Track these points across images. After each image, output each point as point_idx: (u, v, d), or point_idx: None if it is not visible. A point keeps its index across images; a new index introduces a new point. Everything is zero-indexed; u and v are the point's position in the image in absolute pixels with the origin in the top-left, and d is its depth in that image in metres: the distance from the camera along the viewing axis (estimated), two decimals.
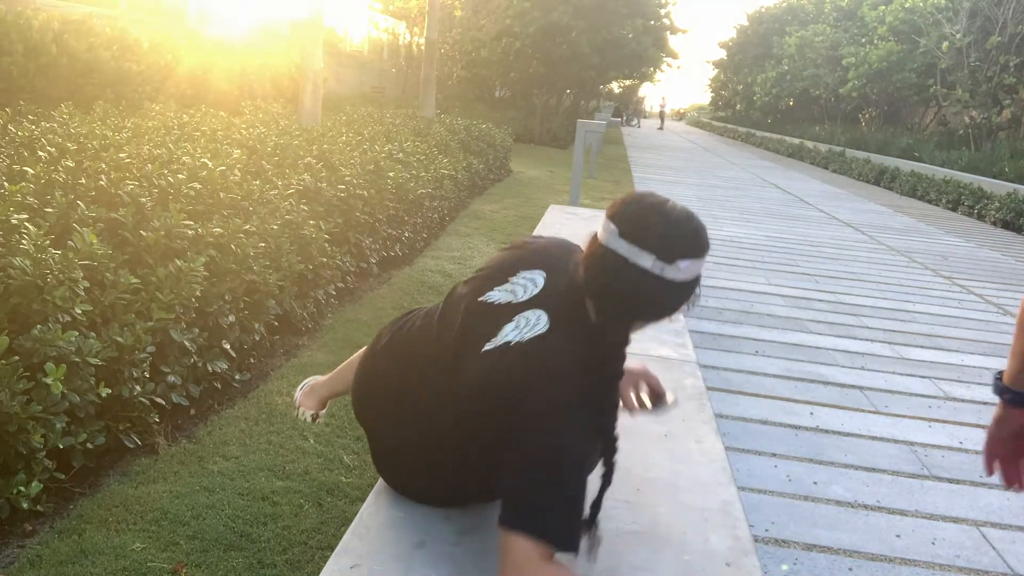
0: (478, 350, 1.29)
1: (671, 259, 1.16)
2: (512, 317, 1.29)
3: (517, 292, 1.32)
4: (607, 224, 1.22)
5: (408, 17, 22.56)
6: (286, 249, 3.64)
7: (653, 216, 1.19)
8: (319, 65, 7.45)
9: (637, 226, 1.18)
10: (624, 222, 1.19)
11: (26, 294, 2.24)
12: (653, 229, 1.18)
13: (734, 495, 1.62)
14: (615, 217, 1.21)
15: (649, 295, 1.19)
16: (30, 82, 5.94)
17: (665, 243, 1.17)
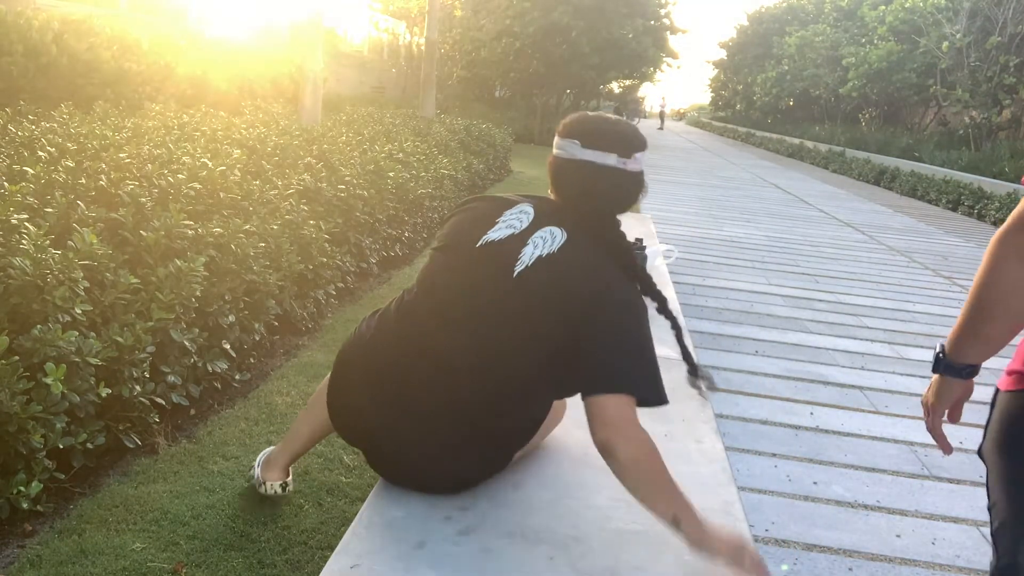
0: (506, 282, 1.42)
1: (628, 154, 1.48)
2: (524, 242, 1.45)
3: (515, 224, 1.48)
4: (566, 142, 1.50)
5: (408, 17, 22.55)
6: (286, 249, 3.64)
7: (603, 124, 1.50)
8: (319, 65, 7.45)
9: (594, 135, 1.48)
10: (582, 135, 1.49)
11: (26, 294, 2.24)
12: (608, 135, 1.48)
13: (734, 495, 1.63)
14: (572, 134, 1.50)
15: (620, 187, 1.49)
16: (30, 82, 5.94)
17: (621, 143, 1.48)
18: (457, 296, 1.46)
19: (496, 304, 1.42)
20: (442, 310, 1.47)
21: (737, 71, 40.41)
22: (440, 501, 1.49)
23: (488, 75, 22.17)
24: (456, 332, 1.44)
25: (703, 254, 6.52)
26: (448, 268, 1.50)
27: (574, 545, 1.39)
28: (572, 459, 1.71)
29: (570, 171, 1.50)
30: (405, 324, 1.51)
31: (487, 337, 1.42)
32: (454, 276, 1.48)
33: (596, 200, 1.49)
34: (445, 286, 1.49)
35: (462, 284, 1.46)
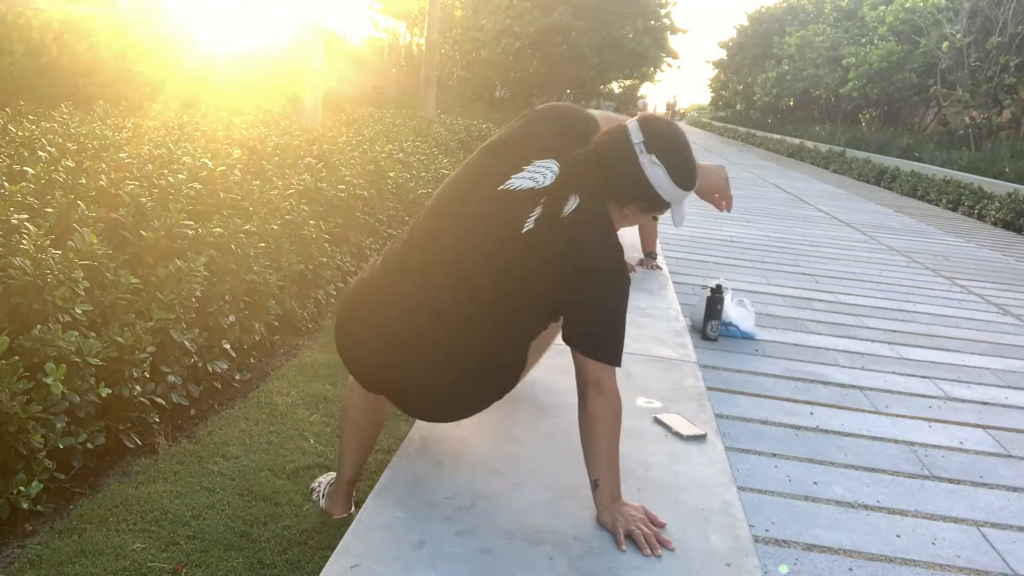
0: (512, 237, 1.50)
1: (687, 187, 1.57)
2: (538, 202, 1.52)
3: (537, 179, 1.54)
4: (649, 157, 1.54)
5: (408, 17, 22.53)
6: (286, 249, 3.64)
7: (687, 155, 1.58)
8: (319, 65, 7.45)
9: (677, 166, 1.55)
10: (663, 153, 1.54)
11: (26, 294, 2.24)
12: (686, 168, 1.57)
13: (734, 495, 1.63)
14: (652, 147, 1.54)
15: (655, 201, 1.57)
16: (30, 82, 5.94)
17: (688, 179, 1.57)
18: (463, 236, 1.54)
19: (498, 256, 1.52)
20: (445, 250, 1.55)
21: (737, 71, 40.39)
22: (440, 501, 1.49)
23: (488, 75, 22.17)
24: (456, 280, 1.54)
25: (703, 254, 6.52)
26: (463, 201, 1.57)
27: (574, 545, 1.39)
28: (572, 459, 1.71)
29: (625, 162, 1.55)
30: (410, 262, 1.59)
31: (484, 287, 1.52)
32: (466, 215, 1.56)
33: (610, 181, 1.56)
34: (454, 220, 1.56)
35: (471, 225, 1.55)
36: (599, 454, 1.47)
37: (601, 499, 1.47)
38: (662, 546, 1.41)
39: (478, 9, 21.37)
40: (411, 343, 1.55)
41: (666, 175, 1.54)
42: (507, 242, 1.51)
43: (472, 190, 1.58)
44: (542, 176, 1.54)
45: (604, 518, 1.46)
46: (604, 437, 1.47)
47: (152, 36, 8.32)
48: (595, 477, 1.47)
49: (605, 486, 1.47)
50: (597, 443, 1.47)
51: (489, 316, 1.54)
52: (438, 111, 13.75)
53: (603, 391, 1.48)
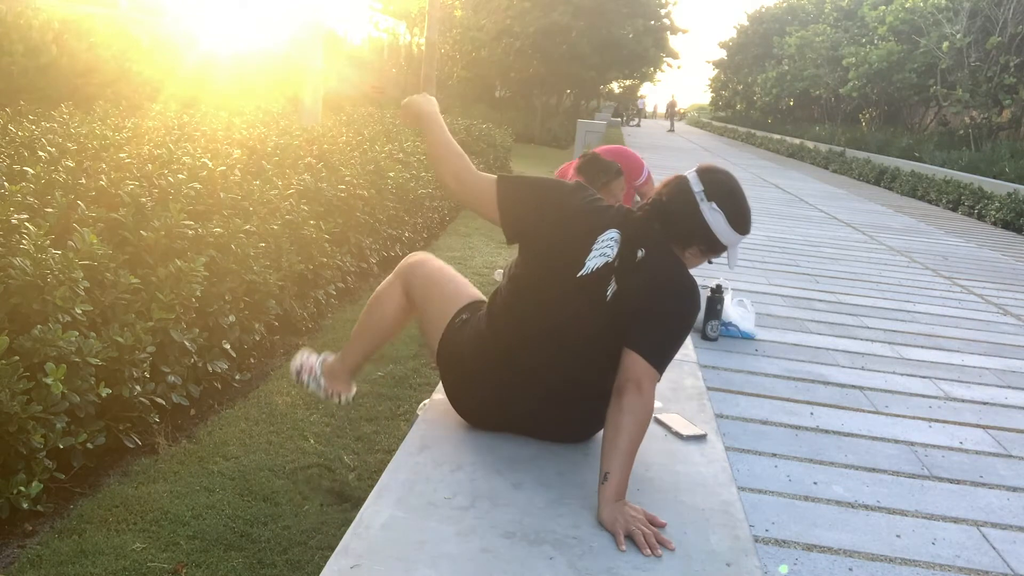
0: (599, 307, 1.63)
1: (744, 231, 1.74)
2: (613, 269, 1.63)
3: (607, 253, 1.64)
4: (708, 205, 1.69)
5: (408, 17, 22.53)
6: (286, 249, 3.64)
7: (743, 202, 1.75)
8: (319, 65, 7.45)
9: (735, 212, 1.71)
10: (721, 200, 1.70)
11: (26, 294, 2.24)
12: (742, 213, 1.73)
13: (734, 495, 1.62)
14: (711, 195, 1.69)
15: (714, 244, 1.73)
16: (30, 82, 5.94)
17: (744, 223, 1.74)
18: (552, 322, 1.67)
19: (589, 326, 1.65)
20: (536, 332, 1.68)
21: (737, 71, 40.36)
22: (440, 501, 1.49)
23: (488, 75, 22.17)
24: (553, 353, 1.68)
25: None
26: (543, 292, 1.68)
27: (574, 545, 1.39)
28: (572, 459, 1.71)
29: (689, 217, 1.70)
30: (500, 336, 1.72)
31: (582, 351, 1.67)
32: (550, 304, 1.67)
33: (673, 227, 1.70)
34: (539, 307, 1.68)
35: (556, 311, 1.66)
36: (619, 447, 1.50)
37: (605, 494, 1.47)
38: (662, 546, 1.41)
39: (478, 9, 21.36)
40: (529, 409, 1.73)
41: (725, 220, 1.68)
42: (595, 314, 1.64)
43: (551, 279, 1.67)
44: (610, 249, 1.65)
45: (604, 516, 1.45)
46: (629, 432, 1.51)
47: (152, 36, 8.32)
48: (607, 470, 1.49)
49: (613, 481, 1.47)
50: (621, 436, 1.50)
51: (593, 365, 1.68)
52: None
53: (643, 391, 1.54)
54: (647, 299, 1.63)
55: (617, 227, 1.67)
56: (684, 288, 1.67)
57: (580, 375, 1.69)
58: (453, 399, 1.81)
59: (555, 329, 1.67)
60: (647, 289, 1.63)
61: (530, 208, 1.70)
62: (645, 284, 1.63)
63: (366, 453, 2.66)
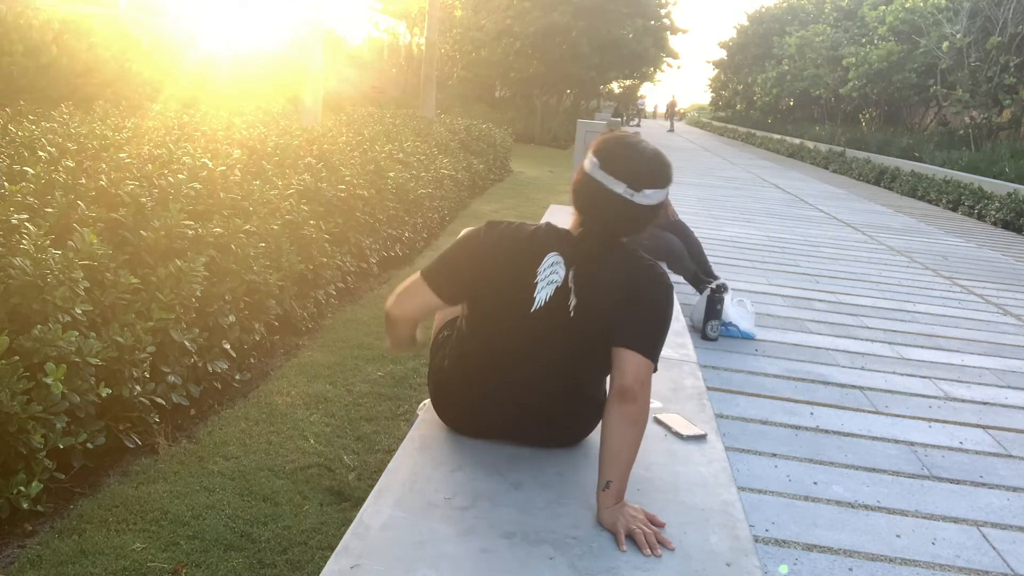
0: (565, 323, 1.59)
1: (638, 187, 1.54)
2: (568, 289, 1.58)
3: (554, 279, 1.59)
4: (591, 157, 1.58)
5: (408, 17, 22.52)
6: (286, 249, 3.64)
7: (627, 151, 1.57)
8: (319, 65, 7.45)
9: (613, 160, 1.56)
10: (604, 156, 1.56)
11: (26, 294, 2.24)
12: (624, 163, 1.55)
13: (734, 495, 1.62)
14: (598, 151, 1.58)
15: (623, 215, 1.57)
16: (30, 82, 5.93)
17: (634, 174, 1.54)
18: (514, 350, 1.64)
19: (563, 342, 1.61)
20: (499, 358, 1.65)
21: (737, 71, 40.33)
22: (440, 501, 1.49)
23: (488, 75, 22.15)
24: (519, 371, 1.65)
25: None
26: (501, 331, 1.64)
27: (574, 545, 1.39)
28: (572, 459, 1.71)
29: (585, 186, 1.60)
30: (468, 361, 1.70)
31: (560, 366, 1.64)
32: (508, 339, 1.63)
33: (601, 223, 1.59)
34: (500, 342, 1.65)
35: (518, 345, 1.63)
36: (622, 458, 1.49)
37: (605, 500, 1.47)
38: (662, 545, 1.41)
39: (478, 9, 21.35)
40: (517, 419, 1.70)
41: (625, 187, 1.55)
42: (561, 335, 1.60)
43: (505, 318, 1.63)
44: (556, 275, 1.59)
45: (605, 518, 1.46)
46: (632, 442, 1.50)
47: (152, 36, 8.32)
48: (609, 478, 1.47)
49: (614, 487, 1.47)
50: (624, 447, 1.49)
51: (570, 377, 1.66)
52: (438, 111, 13.75)
53: (644, 393, 1.52)
54: (620, 300, 1.58)
55: (555, 249, 1.61)
56: (652, 275, 1.61)
57: (557, 389, 1.66)
58: (437, 408, 1.81)
59: (521, 356, 1.64)
60: (615, 291, 1.58)
61: (464, 273, 1.65)
62: (611, 288, 1.58)
63: (366, 453, 2.66)
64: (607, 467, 1.49)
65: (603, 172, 1.55)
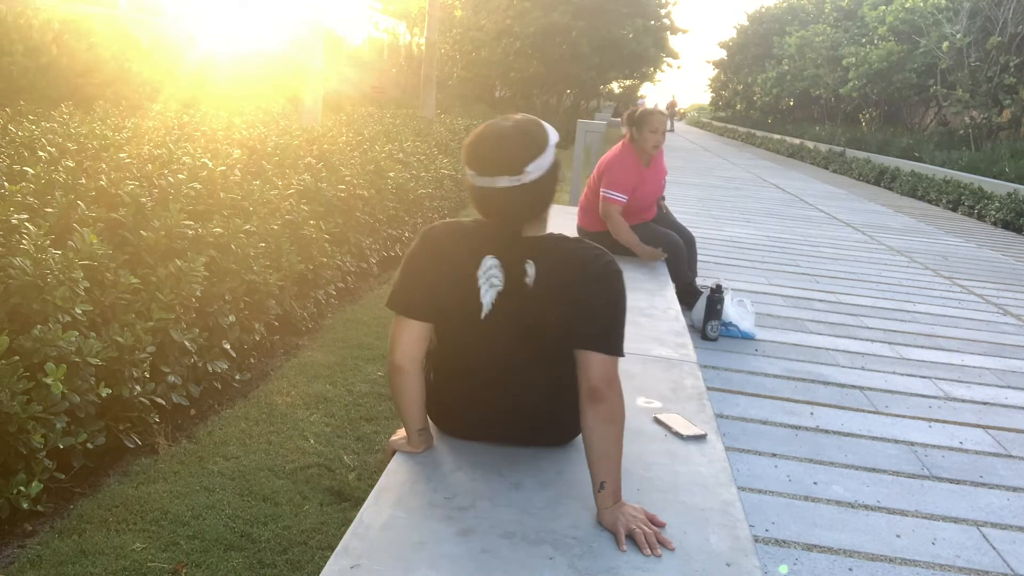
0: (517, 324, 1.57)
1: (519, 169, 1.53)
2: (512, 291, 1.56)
3: (495, 282, 1.57)
4: (466, 169, 1.59)
5: (408, 17, 22.53)
6: (286, 249, 3.64)
7: (486, 147, 1.55)
8: (319, 65, 7.45)
9: (481, 162, 1.54)
10: (473, 163, 1.56)
11: (26, 294, 2.24)
12: (491, 158, 1.54)
13: (734, 495, 1.62)
14: (467, 162, 1.58)
15: (525, 200, 1.55)
16: (30, 82, 5.94)
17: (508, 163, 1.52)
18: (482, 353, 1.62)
19: (519, 344, 1.59)
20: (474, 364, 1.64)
21: (737, 71, 40.35)
22: (440, 501, 1.49)
23: (488, 75, 22.16)
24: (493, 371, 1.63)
25: (703, 254, 6.51)
26: (464, 336, 1.62)
27: (574, 545, 1.39)
28: (572, 459, 1.71)
29: (476, 197, 1.58)
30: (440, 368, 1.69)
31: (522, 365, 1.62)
32: (473, 343, 1.62)
33: (513, 218, 1.57)
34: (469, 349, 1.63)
35: (478, 353, 1.62)
36: (609, 456, 1.49)
37: (603, 500, 1.47)
38: (662, 545, 1.41)
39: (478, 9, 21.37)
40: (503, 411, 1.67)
41: (471, 173, 1.56)
42: (518, 341, 1.59)
43: (462, 324, 1.61)
44: (496, 279, 1.57)
45: (605, 518, 1.46)
46: (613, 439, 1.49)
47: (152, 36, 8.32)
48: (601, 479, 1.48)
49: (610, 486, 1.47)
50: (605, 446, 1.49)
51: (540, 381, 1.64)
52: (438, 111, 13.76)
53: (612, 389, 1.50)
54: (571, 300, 1.54)
55: (490, 251, 1.58)
56: (597, 266, 1.56)
57: (530, 388, 1.64)
58: (434, 420, 1.78)
59: (487, 361, 1.63)
60: (563, 290, 1.54)
61: (419, 287, 1.61)
62: (559, 287, 1.55)
63: (366, 453, 2.66)
64: (596, 469, 1.49)
65: (482, 177, 1.54)
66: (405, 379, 1.63)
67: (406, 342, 1.62)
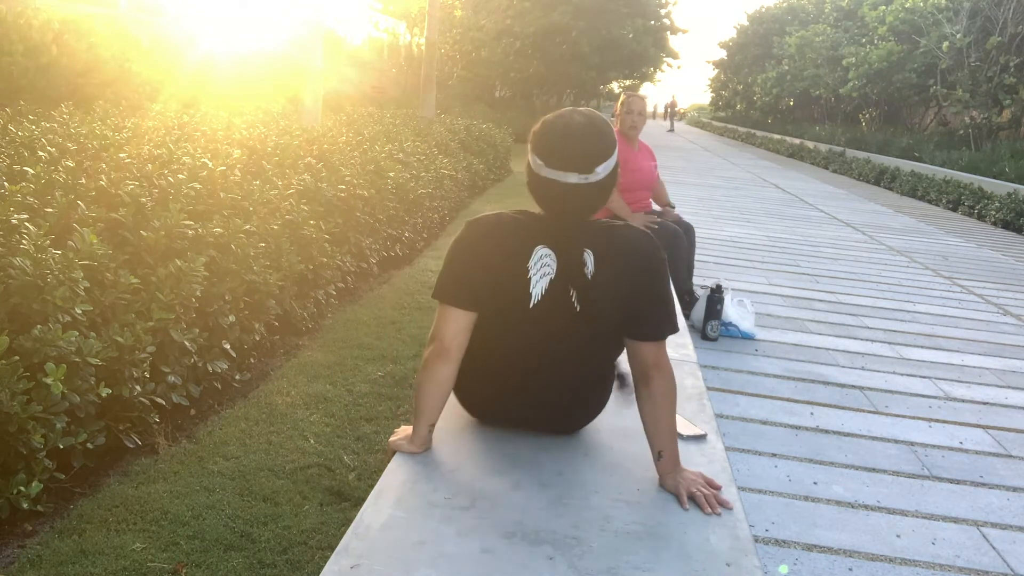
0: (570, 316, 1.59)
1: (590, 168, 1.54)
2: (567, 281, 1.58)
3: (547, 272, 1.59)
4: (534, 157, 1.58)
5: (408, 17, 22.53)
6: (286, 249, 3.64)
7: (563, 142, 1.55)
8: (319, 65, 7.45)
9: (555, 155, 1.55)
10: (545, 154, 1.56)
11: (26, 294, 2.24)
12: (567, 154, 1.54)
13: (734, 495, 1.62)
14: (537, 150, 1.58)
15: (587, 198, 1.57)
16: (30, 82, 5.94)
17: (581, 160, 1.54)
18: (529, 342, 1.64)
19: (567, 332, 1.62)
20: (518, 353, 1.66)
21: (737, 71, 40.33)
22: (440, 501, 1.49)
23: (488, 75, 22.16)
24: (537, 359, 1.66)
25: (703, 254, 6.51)
26: (510, 326, 1.63)
27: (574, 545, 1.39)
28: (572, 459, 1.71)
29: (540, 186, 1.60)
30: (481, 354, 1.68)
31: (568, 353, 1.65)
32: (520, 332, 1.63)
33: (575, 212, 1.60)
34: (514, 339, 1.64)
35: (530, 337, 1.63)
36: (665, 427, 1.58)
37: (664, 466, 1.58)
38: (721, 506, 1.52)
39: (478, 9, 21.38)
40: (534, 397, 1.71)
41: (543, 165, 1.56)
42: (569, 328, 1.61)
43: (509, 314, 1.63)
44: (548, 268, 1.59)
45: (667, 483, 1.57)
46: (668, 411, 1.59)
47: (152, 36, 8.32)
48: (659, 449, 1.58)
49: (668, 454, 1.57)
50: (663, 418, 1.58)
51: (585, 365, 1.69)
52: (438, 111, 13.76)
53: (663, 370, 1.58)
54: (623, 292, 1.58)
55: (541, 240, 1.60)
56: (645, 253, 1.60)
57: (572, 377, 1.69)
58: (460, 400, 1.81)
59: (532, 350, 1.65)
60: (616, 279, 1.58)
61: (468, 276, 1.62)
62: (611, 276, 1.58)
63: (366, 453, 2.66)
64: (654, 439, 1.59)
65: (551, 169, 1.56)
66: (446, 367, 1.62)
67: (453, 330, 1.62)
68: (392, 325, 4.05)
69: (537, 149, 1.58)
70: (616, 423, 1.87)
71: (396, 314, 4.25)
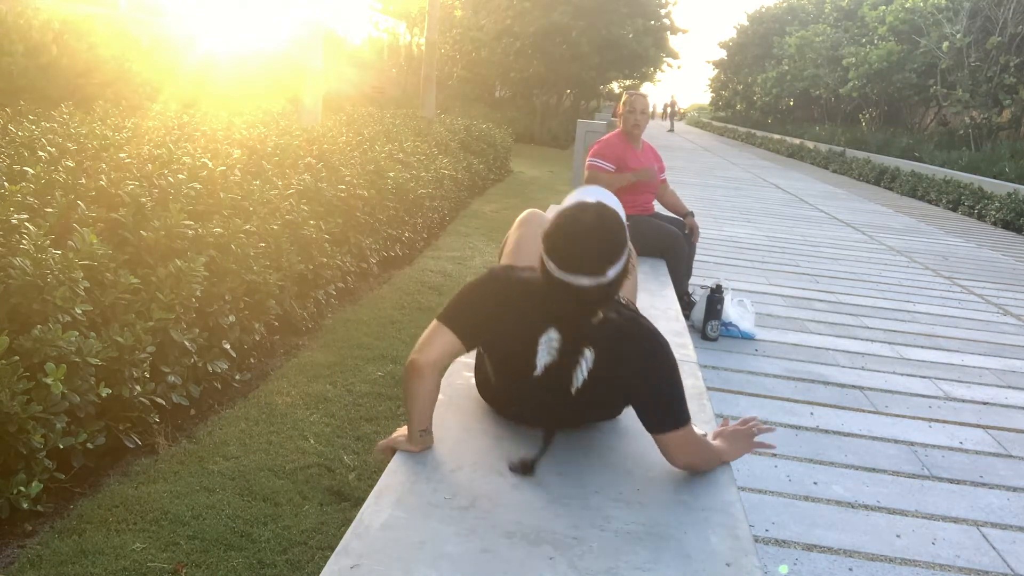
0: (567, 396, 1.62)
1: (602, 270, 1.53)
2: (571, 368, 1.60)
3: (552, 353, 1.61)
4: (547, 259, 1.57)
5: (408, 17, 22.52)
6: (286, 249, 3.64)
7: (576, 246, 1.54)
8: (319, 65, 7.46)
9: (567, 260, 1.54)
10: (558, 258, 1.55)
11: (26, 294, 2.24)
12: (579, 258, 1.53)
13: (734, 495, 1.62)
14: (550, 253, 1.56)
15: (600, 297, 1.58)
16: (30, 82, 5.93)
17: (593, 263, 1.53)
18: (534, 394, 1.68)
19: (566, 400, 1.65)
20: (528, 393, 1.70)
21: (737, 71, 40.33)
22: (440, 501, 1.49)
23: (488, 75, 22.17)
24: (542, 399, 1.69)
25: (703, 254, 6.51)
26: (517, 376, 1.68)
27: (574, 545, 1.39)
28: (572, 459, 1.71)
29: (553, 287, 1.58)
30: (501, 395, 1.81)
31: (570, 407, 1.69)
32: (526, 384, 1.66)
33: (585, 310, 1.61)
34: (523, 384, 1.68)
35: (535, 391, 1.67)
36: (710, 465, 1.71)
37: (723, 459, 1.73)
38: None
39: (478, 9, 21.37)
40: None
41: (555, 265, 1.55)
42: (567, 397, 1.64)
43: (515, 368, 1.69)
44: (554, 350, 1.61)
45: (730, 459, 1.74)
46: (711, 463, 1.71)
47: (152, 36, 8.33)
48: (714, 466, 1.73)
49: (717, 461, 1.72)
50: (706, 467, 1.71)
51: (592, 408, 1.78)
52: (438, 111, 13.75)
53: (697, 454, 1.67)
54: (624, 388, 1.65)
55: (553, 324, 1.61)
56: (654, 358, 1.64)
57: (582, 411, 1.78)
58: (482, 392, 1.91)
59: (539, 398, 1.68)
60: (617, 379, 1.63)
61: (478, 316, 1.67)
62: (612, 375, 1.62)
63: (366, 453, 2.66)
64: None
65: (564, 272, 1.55)
66: (421, 383, 1.63)
67: (437, 351, 1.64)
68: (392, 325, 4.05)
69: (550, 252, 1.57)
70: (616, 423, 1.87)
71: (396, 314, 4.25)
